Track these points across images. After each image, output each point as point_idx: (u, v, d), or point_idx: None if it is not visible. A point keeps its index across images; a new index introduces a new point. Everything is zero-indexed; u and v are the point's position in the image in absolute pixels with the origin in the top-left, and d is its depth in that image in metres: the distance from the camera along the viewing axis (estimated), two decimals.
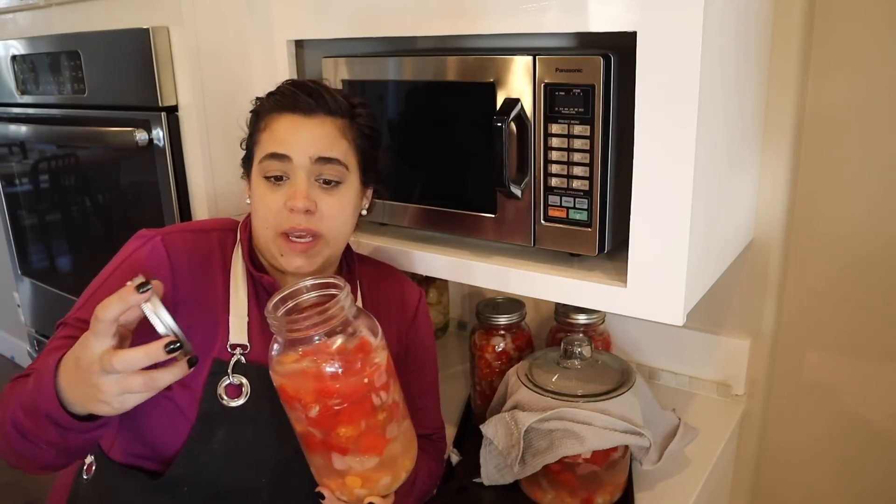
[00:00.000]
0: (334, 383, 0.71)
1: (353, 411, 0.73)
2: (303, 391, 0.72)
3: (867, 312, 1.19)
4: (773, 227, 1.16)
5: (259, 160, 0.87)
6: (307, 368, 0.72)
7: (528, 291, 0.96)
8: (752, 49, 0.99)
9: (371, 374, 0.73)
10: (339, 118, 0.87)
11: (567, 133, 0.88)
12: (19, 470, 0.78)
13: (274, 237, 0.86)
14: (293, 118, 0.86)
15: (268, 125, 0.87)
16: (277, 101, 0.87)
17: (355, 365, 0.72)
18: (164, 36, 1.21)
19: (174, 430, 0.85)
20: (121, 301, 0.63)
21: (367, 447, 0.75)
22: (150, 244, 0.86)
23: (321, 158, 0.85)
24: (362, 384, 0.73)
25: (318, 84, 0.88)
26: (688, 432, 1.08)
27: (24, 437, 0.73)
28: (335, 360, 0.72)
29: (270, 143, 0.86)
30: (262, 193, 0.86)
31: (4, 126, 1.64)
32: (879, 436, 1.22)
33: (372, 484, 0.78)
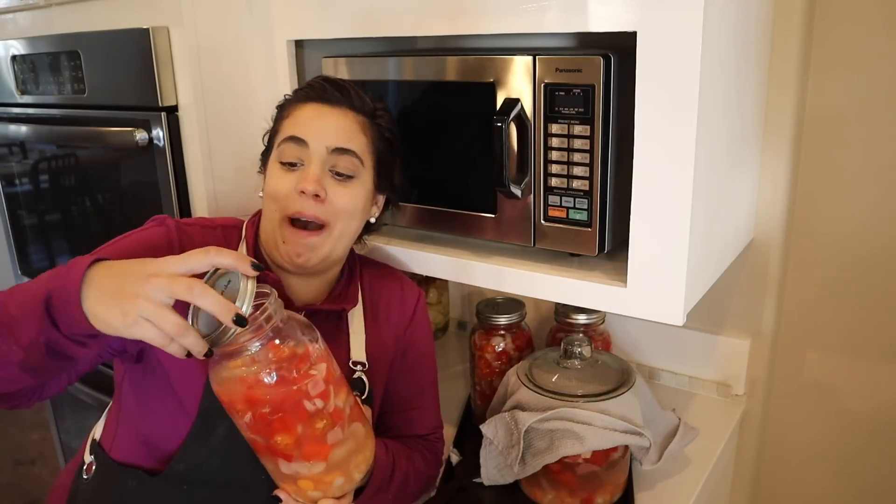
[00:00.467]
0: (264, 392, 0.70)
1: (287, 420, 0.72)
2: (236, 398, 0.71)
3: (867, 312, 1.19)
4: (773, 227, 1.16)
5: (277, 144, 0.88)
6: (241, 376, 0.70)
7: (528, 291, 0.96)
8: (752, 49, 0.99)
9: (304, 383, 0.72)
10: (361, 114, 0.89)
11: (567, 133, 0.88)
12: None
13: (280, 222, 0.86)
14: (317, 106, 0.88)
15: (290, 113, 0.89)
16: (304, 93, 0.90)
17: (290, 374, 0.71)
18: (164, 36, 1.21)
19: (175, 426, 0.85)
20: (236, 260, 0.66)
21: (310, 454, 0.75)
22: (164, 228, 0.87)
23: (338, 149, 0.87)
24: (293, 392, 0.71)
25: (346, 82, 0.91)
26: (688, 432, 1.08)
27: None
28: (269, 368, 0.70)
29: (290, 127, 0.88)
30: (274, 176, 0.88)
31: (4, 126, 1.64)
32: (879, 435, 1.22)
33: (325, 486, 0.78)
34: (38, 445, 2.59)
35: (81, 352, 0.70)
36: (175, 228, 0.88)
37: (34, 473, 2.44)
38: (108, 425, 0.94)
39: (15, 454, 2.54)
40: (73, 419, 1.87)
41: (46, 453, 2.52)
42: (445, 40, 1.22)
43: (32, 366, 0.69)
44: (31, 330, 0.66)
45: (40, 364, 0.69)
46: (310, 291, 0.95)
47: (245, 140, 1.20)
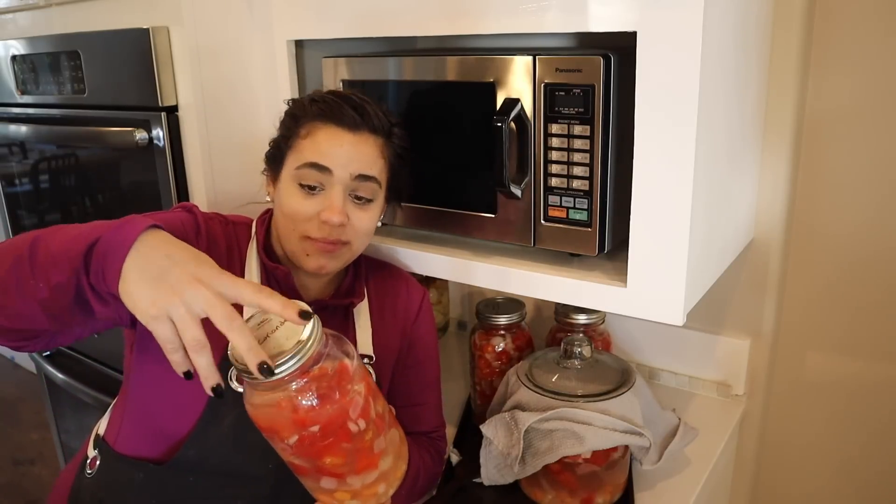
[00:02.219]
0: (310, 414, 0.67)
1: (335, 440, 0.69)
2: (278, 425, 0.67)
3: (867, 312, 1.19)
4: (773, 227, 1.16)
5: (297, 166, 0.87)
6: (279, 400, 0.66)
7: (528, 291, 0.96)
8: (752, 49, 0.99)
9: (346, 400, 0.69)
10: (380, 136, 0.90)
11: (567, 133, 0.88)
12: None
13: (301, 240, 0.88)
14: (337, 131, 0.87)
15: (310, 133, 0.88)
16: (322, 110, 0.88)
17: (333, 394, 0.68)
18: (164, 36, 1.21)
19: (184, 413, 0.86)
20: (283, 309, 0.62)
21: (362, 467, 0.74)
22: (192, 216, 0.89)
23: (361, 175, 0.87)
24: (340, 413, 0.68)
25: (362, 99, 0.89)
26: (688, 432, 1.08)
27: (20, 264, 0.67)
28: (311, 392, 0.67)
29: (312, 152, 0.86)
30: (293, 197, 0.87)
31: (4, 126, 1.64)
32: (879, 436, 1.22)
33: (366, 497, 0.76)
34: (37, 445, 2.59)
35: (101, 309, 0.68)
36: (203, 219, 0.89)
37: (34, 473, 2.44)
38: (112, 420, 0.95)
39: (15, 454, 2.55)
40: (73, 419, 1.87)
41: (46, 453, 2.52)
42: (445, 40, 1.22)
43: (53, 310, 0.68)
44: (64, 270, 0.65)
45: (61, 310, 0.68)
46: (318, 286, 0.97)
47: (245, 140, 1.20)
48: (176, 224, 0.85)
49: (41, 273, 0.66)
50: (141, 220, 0.66)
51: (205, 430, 0.86)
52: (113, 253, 0.63)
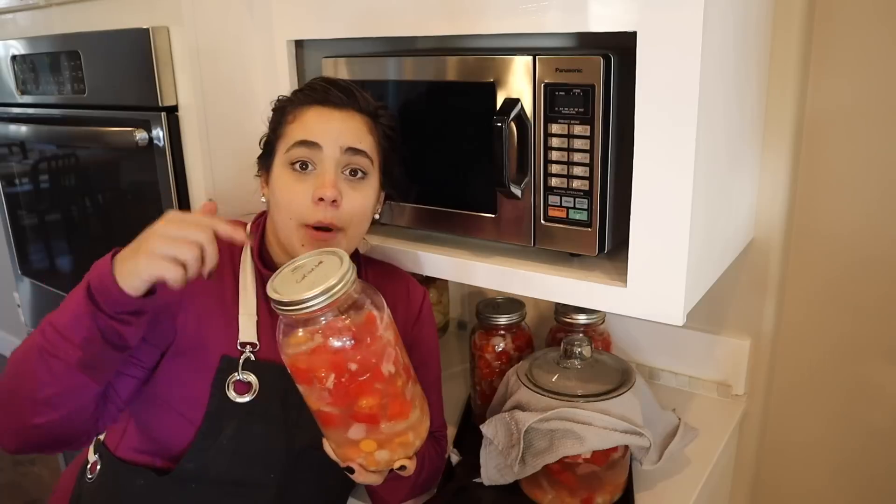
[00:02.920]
0: (345, 354, 0.72)
1: (370, 380, 0.73)
2: (316, 365, 0.72)
3: (867, 312, 1.19)
4: (773, 227, 1.16)
5: (286, 149, 0.87)
6: (318, 345, 0.72)
7: (528, 291, 0.96)
8: (752, 49, 0.99)
9: (380, 347, 0.74)
10: (366, 115, 0.90)
11: (567, 133, 0.88)
12: (15, 405, 0.75)
13: (297, 228, 0.87)
14: (324, 110, 0.88)
15: (297, 116, 0.89)
16: (307, 95, 0.90)
17: (364, 337, 0.73)
18: (164, 36, 1.21)
19: (183, 426, 0.86)
20: (233, 230, 0.73)
21: (395, 413, 0.76)
22: None
23: (351, 149, 0.87)
24: (374, 354, 0.73)
25: (347, 82, 0.91)
26: (688, 432, 1.08)
27: (45, 350, 0.73)
28: (345, 335, 0.72)
29: (300, 131, 0.87)
30: (287, 183, 0.87)
31: (4, 126, 1.64)
32: (879, 436, 1.22)
33: (396, 446, 0.78)
34: None
35: (129, 331, 0.74)
36: None
37: (34, 473, 2.44)
38: (114, 425, 0.95)
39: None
40: None
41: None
42: (445, 40, 1.22)
43: (90, 362, 0.74)
44: (81, 325, 0.71)
45: (97, 358, 0.74)
46: None
47: (245, 140, 1.20)
48: None
49: (65, 342, 0.72)
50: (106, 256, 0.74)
51: (203, 444, 0.86)
52: (103, 279, 0.71)
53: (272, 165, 0.91)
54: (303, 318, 0.71)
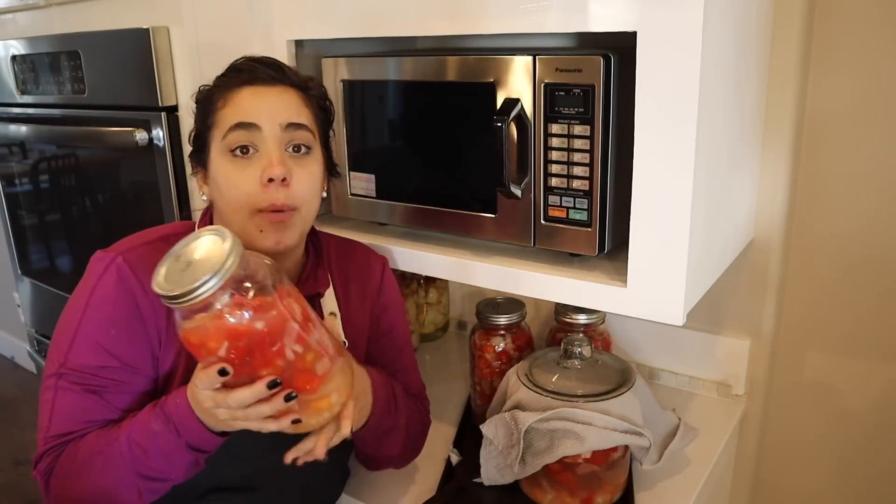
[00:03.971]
0: (240, 332, 0.69)
1: (270, 356, 0.72)
2: (208, 338, 0.70)
3: (867, 312, 1.19)
4: (773, 227, 1.16)
5: (222, 136, 0.83)
6: (215, 324, 0.69)
7: (528, 291, 0.96)
8: (752, 49, 0.99)
9: (277, 321, 0.71)
10: (298, 89, 0.87)
11: (567, 133, 0.88)
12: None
13: (250, 216, 0.83)
14: (255, 88, 0.84)
15: (227, 101, 0.84)
16: (233, 78, 0.85)
17: (260, 314, 0.70)
18: (164, 36, 1.21)
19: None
20: (254, 395, 0.71)
21: (301, 387, 0.74)
22: (112, 267, 0.82)
23: (291, 124, 0.84)
24: (269, 330, 0.70)
25: (272, 58, 0.88)
26: (688, 432, 1.08)
27: (152, 480, 0.79)
28: (240, 312, 0.69)
29: (234, 114, 0.83)
30: (230, 172, 0.83)
31: (4, 126, 1.64)
32: (879, 435, 1.22)
33: (312, 411, 0.77)
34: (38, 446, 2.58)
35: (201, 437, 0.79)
36: (125, 263, 0.82)
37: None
38: None
39: (15, 454, 2.54)
40: None
41: None
42: (445, 40, 1.22)
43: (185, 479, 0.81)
44: (185, 460, 0.79)
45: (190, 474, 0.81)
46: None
47: None
48: (106, 316, 0.82)
49: (170, 476, 0.80)
50: (181, 411, 0.78)
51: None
52: (202, 434, 0.78)
53: (208, 159, 0.86)
54: (198, 307, 0.68)
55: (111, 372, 0.82)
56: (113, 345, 0.81)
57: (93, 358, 0.81)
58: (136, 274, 0.82)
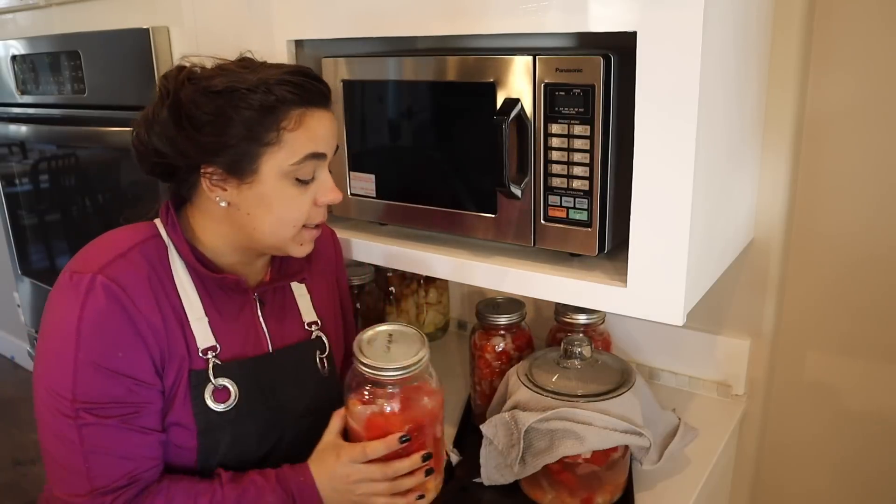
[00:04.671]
0: (398, 419, 0.84)
1: (430, 432, 0.87)
2: (395, 417, 0.84)
3: (867, 312, 1.19)
4: (773, 227, 1.16)
5: (294, 160, 0.81)
6: (382, 410, 0.84)
7: (528, 291, 0.96)
8: (752, 49, 0.99)
9: (430, 414, 0.86)
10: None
11: (567, 133, 0.88)
12: None
13: (297, 233, 0.87)
14: (322, 113, 0.84)
15: (300, 123, 0.80)
16: (299, 94, 0.80)
17: (415, 406, 0.85)
18: (164, 36, 1.21)
19: (182, 455, 0.84)
20: (387, 448, 0.82)
21: (436, 463, 0.89)
22: (97, 288, 0.77)
23: (337, 148, 0.89)
24: (425, 419, 0.86)
25: (311, 70, 0.86)
26: (688, 432, 1.08)
27: None
28: (426, 394, 0.86)
29: (310, 142, 0.82)
30: (289, 196, 0.83)
31: (4, 126, 1.64)
32: (879, 435, 1.22)
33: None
34: (37, 445, 2.58)
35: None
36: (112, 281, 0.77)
37: (34, 473, 2.44)
38: None
39: (15, 454, 2.54)
40: None
41: None
42: (445, 40, 1.22)
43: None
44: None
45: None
46: (256, 271, 0.93)
47: None
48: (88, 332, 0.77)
49: None
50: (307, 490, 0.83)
51: (207, 462, 0.85)
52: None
53: (255, 172, 0.81)
54: (390, 381, 0.83)
55: (133, 394, 0.79)
56: (125, 367, 0.78)
57: (109, 386, 0.77)
58: (125, 289, 0.78)
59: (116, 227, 0.88)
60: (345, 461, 0.82)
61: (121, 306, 0.77)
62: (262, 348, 0.91)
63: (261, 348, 0.91)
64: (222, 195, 0.83)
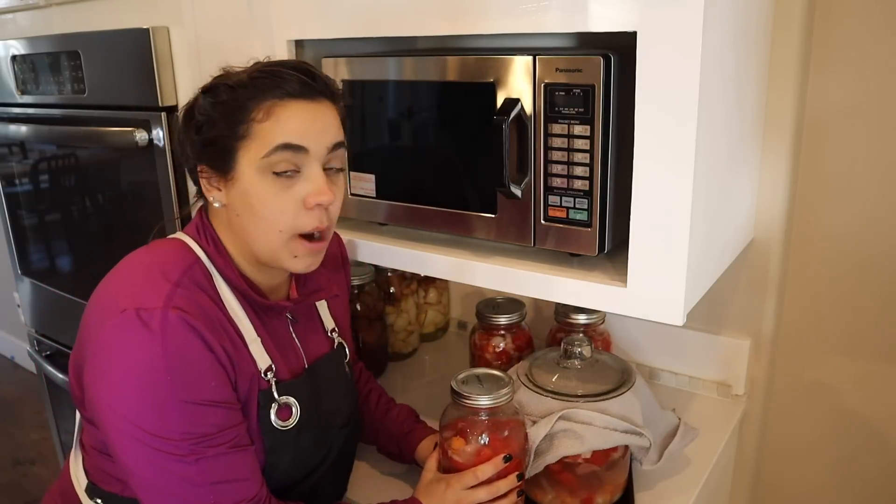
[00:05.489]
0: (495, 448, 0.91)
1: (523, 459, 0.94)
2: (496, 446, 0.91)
3: (867, 313, 1.19)
4: (773, 227, 1.16)
5: (264, 154, 0.78)
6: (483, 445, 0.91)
7: (528, 291, 0.96)
8: (752, 49, 0.99)
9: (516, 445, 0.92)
10: (332, 100, 0.83)
11: (567, 133, 0.88)
12: None
13: (289, 240, 0.81)
14: (299, 103, 0.79)
15: (269, 113, 0.78)
16: (272, 85, 0.79)
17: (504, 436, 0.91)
18: (164, 36, 1.21)
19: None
20: (495, 468, 0.88)
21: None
22: (173, 322, 0.73)
23: (336, 145, 0.82)
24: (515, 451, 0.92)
25: (306, 63, 0.83)
26: (688, 432, 1.08)
27: None
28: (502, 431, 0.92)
29: (281, 133, 0.77)
30: (268, 194, 0.79)
31: (4, 126, 1.64)
32: (879, 435, 1.23)
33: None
34: (37, 445, 2.59)
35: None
36: (186, 314, 0.75)
37: (34, 473, 2.44)
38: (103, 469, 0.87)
39: (15, 454, 2.55)
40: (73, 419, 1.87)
41: (46, 453, 2.52)
42: (445, 40, 1.22)
43: None
44: None
45: None
46: (275, 284, 0.90)
47: None
48: (182, 371, 0.74)
49: None
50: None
51: (272, 477, 0.85)
52: None
53: (234, 169, 0.79)
54: (489, 409, 0.90)
55: (231, 417, 0.78)
56: (219, 395, 0.77)
57: (211, 416, 0.76)
58: (196, 318, 0.75)
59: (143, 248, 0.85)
60: (456, 488, 0.88)
61: (200, 337, 0.75)
62: (301, 364, 0.91)
63: (300, 364, 0.91)
64: (217, 195, 0.82)
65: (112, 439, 0.76)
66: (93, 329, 0.77)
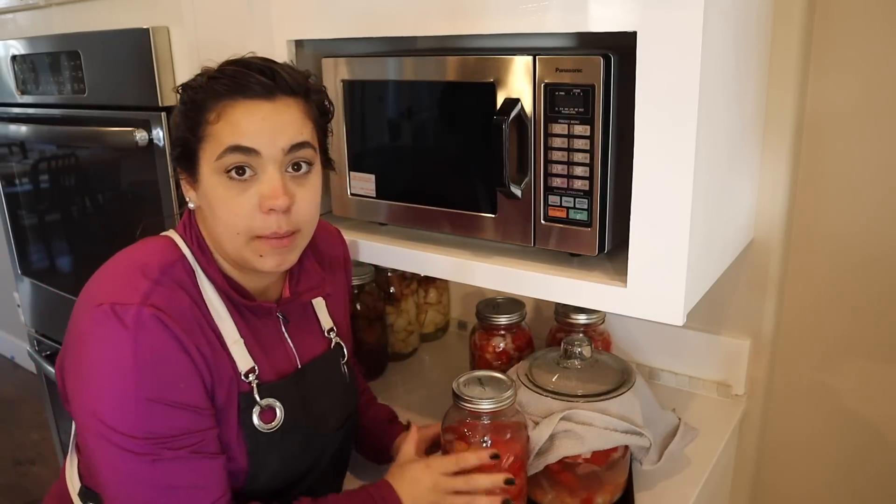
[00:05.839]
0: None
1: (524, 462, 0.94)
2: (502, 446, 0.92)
3: (867, 313, 1.19)
4: (773, 227, 1.16)
5: (216, 156, 0.76)
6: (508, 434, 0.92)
7: (528, 291, 0.96)
8: (752, 49, 0.99)
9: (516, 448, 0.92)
10: (299, 97, 0.80)
11: (567, 133, 0.88)
12: None
13: (248, 242, 0.79)
14: (251, 104, 0.76)
15: (221, 114, 0.76)
16: (227, 86, 0.76)
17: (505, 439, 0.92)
18: (164, 36, 1.21)
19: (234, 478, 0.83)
20: (479, 460, 0.88)
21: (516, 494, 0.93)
22: (146, 319, 0.73)
23: (294, 146, 0.78)
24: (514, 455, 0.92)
25: (268, 60, 0.79)
26: (688, 432, 1.08)
27: None
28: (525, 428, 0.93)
29: (230, 135, 0.75)
30: (224, 197, 0.77)
31: (4, 126, 1.64)
32: (879, 436, 1.23)
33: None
34: (37, 445, 2.59)
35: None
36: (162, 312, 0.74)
37: (34, 473, 2.44)
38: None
39: (15, 454, 2.55)
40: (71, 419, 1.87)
41: (46, 453, 2.52)
42: (445, 40, 1.22)
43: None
44: None
45: None
46: (263, 286, 0.89)
47: None
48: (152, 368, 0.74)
49: None
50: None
51: (258, 482, 0.84)
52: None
53: (198, 170, 0.79)
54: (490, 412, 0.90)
55: (198, 422, 0.77)
56: (187, 397, 0.75)
57: (176, 418, 0.75)
58: (173, 319, 0.75)
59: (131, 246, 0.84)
60: (435, 469, 0.87)
61: (174, 337, 0.74)
62: (292, 364, 0.90)
63: (291, 365, 0.89)
64: (192, 196, 0.82)
65: (80, 433, 0.77)
66: (72, 323, 0.78)
